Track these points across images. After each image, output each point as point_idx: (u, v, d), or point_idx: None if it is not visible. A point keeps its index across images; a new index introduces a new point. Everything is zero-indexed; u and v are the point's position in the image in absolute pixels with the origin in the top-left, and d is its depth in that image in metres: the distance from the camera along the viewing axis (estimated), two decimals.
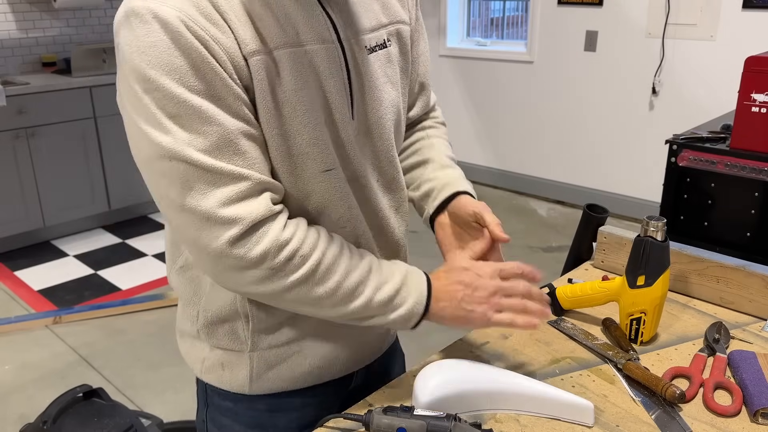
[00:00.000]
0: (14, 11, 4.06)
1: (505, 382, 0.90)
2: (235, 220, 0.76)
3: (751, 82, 1.86)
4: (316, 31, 0.83)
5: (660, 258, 1.01)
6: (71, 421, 1.87)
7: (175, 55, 0.72)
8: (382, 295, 0.85)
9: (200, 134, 0.74)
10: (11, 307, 3.22)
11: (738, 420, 0.88)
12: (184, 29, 0.72)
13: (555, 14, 4.32)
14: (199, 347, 0.98)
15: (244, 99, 0.77)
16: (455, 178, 1.04)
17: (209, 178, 0.75)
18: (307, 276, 0.80)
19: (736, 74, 1.92)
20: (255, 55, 0.77)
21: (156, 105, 0.74)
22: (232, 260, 0.77)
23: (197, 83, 0.74)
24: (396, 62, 0.96)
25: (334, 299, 0.83)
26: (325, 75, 0.84)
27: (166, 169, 0.75)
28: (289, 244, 0.79)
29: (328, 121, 0.85)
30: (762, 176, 1.88)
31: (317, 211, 0.88)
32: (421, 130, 1.12)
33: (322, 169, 0.85)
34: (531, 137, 4.68)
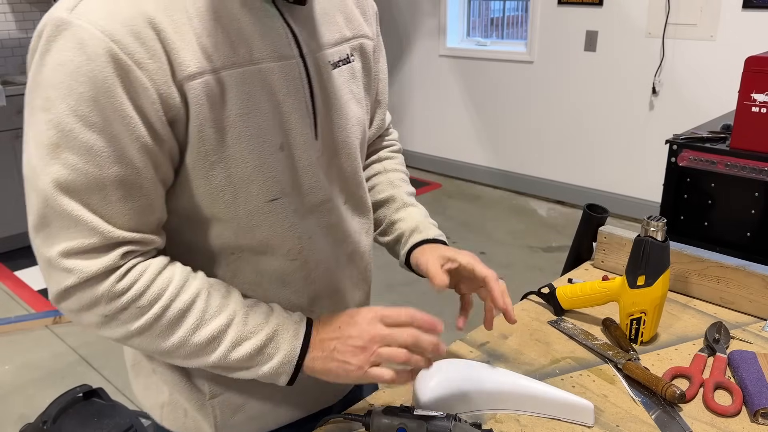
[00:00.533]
0: (14, 11, 4.06)
1: (505, 382, 0.90)
2: (72, 271, 0.70)
3: (751, 82, 1.85)
4: (273, 48, 0.76)
5: (660, 258, 1.01)
6: (71, 421, 1.87)
7: (81, 81, 0.65)
8: (240, 352, 0.76)
9: (73, 171, 0.67)
10: (11, 307, 3.22)
11: (738, 420, 0.88)
12: (101, 53, 0.65)
13: (555, 14, 4.32)
14: (157, 390, 0.90)
15: (147, 141, 0.69)
16: (420, 220, 1.01)
17: (64, 224, 0.69)
18: (147, 328, 0.73)
19: (736, 74, 1.92)
20: (195, 78, 0.70)
21: (43, 126, 0.67)
22: (66, 305, 0.73)
23: (94, 116, 0.66)
24: (359, 78, 0.90)
25: (183, 352, 0.76)
26: (283, 94, 0.77)
27: (33, 197, 0.70)
28: (124, 295, 0.72)
29: (286, 144, 0.78)
30: (762, 176, 1.88)
31: (263, 245, 0.81)
32: (378, 162, 1.07)
33: (267, 198, 0.78)
34: (531, 137, 4.68)
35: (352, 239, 0.92)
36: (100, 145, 0.67)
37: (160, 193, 0.74)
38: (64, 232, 0.70)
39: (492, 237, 4.04)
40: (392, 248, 1.03)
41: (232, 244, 0.81)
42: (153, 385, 0.91)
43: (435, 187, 5.02)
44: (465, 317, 0.97)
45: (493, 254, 3.76)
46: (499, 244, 3.91)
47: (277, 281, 0.84)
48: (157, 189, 0.73)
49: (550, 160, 4.61)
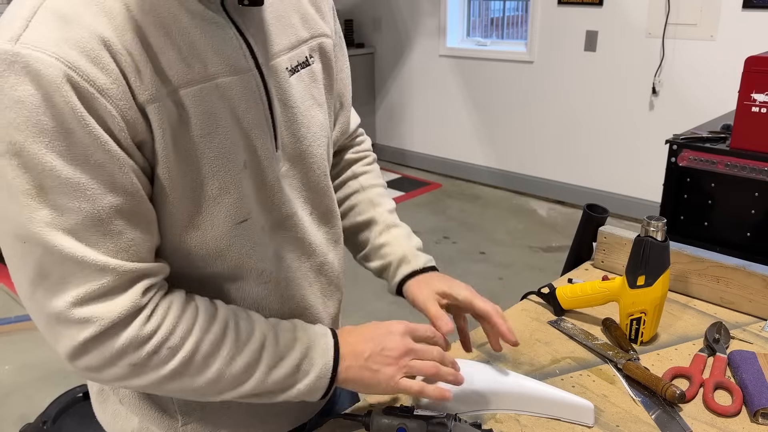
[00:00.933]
0: None
1: (505, 382, 0.90)
2: (90, 320, 0.64)
3: (751, 82, 1.85)
4: (228, 61, 0.71)
5: (660, 258, 1.01)
6: (71, 421, 1.87)
7: (47, 115, 0.59)
8: (277, 374, 0.75)
9: (65, 212, 0.61)
10: (11, 307, 3.22)
11: (738, 420, 0.88)
12: (62, 83, 0.59)
13: (555, 14, 4.32)
14: (125, 419, 0.86)
15: (130, 164, 0.65)
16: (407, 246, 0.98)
17: (68, 269, 0.63)
18: (180, 369, 0.69)
19: (736, 74, 1.92)
20: (154, 102, 0.65)
21: (16, 173, 0.60)
22: (84, 361, 0.66)
23: (70, 150, 0.60)
24: (320, 80, 0.86)
25: (219, 387, 0.73)
26: (242, 109, 0.73)
27: (20, 251, 0.63)
28: (153, 338, 0.67)
29: (251, 161, 0.75)
30: (762, 176, 1.88)
31: (234, 271, 0.78)
32: (353, 179, 1.03)
33: (235, 221, 0.74)
34: (531, 137, 4.68)
35: (319, 251, 0.89)
36: (86, 179, 0.62)
37: (153, 216, 0.70)
38: (71, 278, 0.63)
39: (492, 237, 4.04)
40: (379, 274, 1.01)
41: (202, 274, 0.77)
42: (121, 413, 0.87)
43: (435, 187, 5.02)
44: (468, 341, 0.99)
45: (493, 254, 3.77)
46: (499, 244, 3.91)
47: (251, 305, 0.82)
48: (151, 211, 0.69)
49: (550, 160, 4.61)
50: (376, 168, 1.08)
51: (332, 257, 0.92)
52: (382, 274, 1.00)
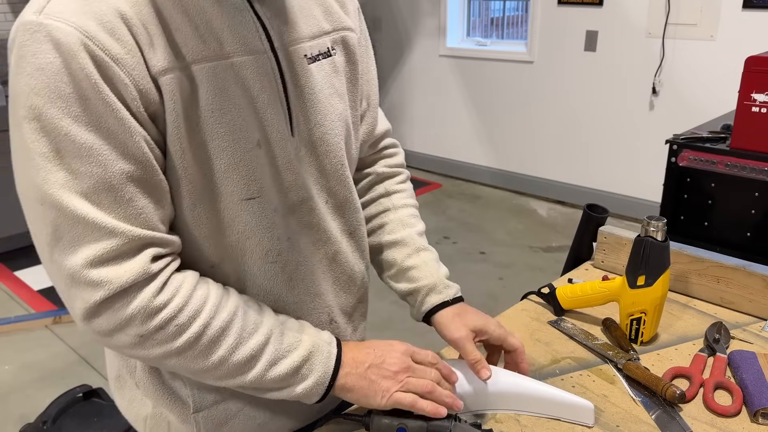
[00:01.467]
0: (14, 11, 4.06)
1: (505, 382, 0.90)
2: (101, 282, 0.66)
3: (751, 82, 1.85)
4: (243, 41, 0.74)
5: (660, 258, 1.01)
6: (71, 421, 1.87)
7: (64, 81, 0.63)
8: (276, 371, 0.76)
9: (78, 175, 0.65)
10: (11, 307, 3.22)
11: (738, 420, 0.88)
12: (79, 50, 0.63)
13: (555, 14, 4.32)
14: (141, 403, 0.88)
15: (142, 134, 0.67)
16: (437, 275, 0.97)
17: (80, 231, 0.65)
18: (185, 348, 0.71)
19: (736, 74, 1.92)
20: (166, 74, 0.68)
21: (35, 136, 0.64)
22: (96, 324, 0.69)
23: (85, 115, 0.64)
24: (342, 72, 0.87)
25: (220, 373, 0.75)
26: (257, 89, 0.75)
27: (38, 212, 0.67)
28: (162, 311, 0.69)
29: (264, 140, 0.76)
30: (762, 176, 1.88)
31: (239, 246, 0.79)
32: (386, 197, 1.03)
33: (243, 197, 0.76)
34: (531, 137, 4.68)
35: (334, 240, 0.89)
36: (99, 144, 0.65)
37: (165, 188, 0.72)
38: (82, 239, 0.66)
39: (492, 237, 4.04)
40: (404, 297, 1.00)
41: (210, 253, 0.78)
42: (137, 399, 0.88)
43: (435, 187, 5.02)
44: None
45: (493, 254, 3.76)
46: (499, 244, 3.91)
47: (261, 290, 0.83)
48: (162, 182, 0.71)
49: (550, 160, 4.61)
50: (409, 187, 1.07)
51: (346, 247, 0.92)
52: (408, 297, 0.99)
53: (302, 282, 0.86)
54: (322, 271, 0.89)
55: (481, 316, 0.94)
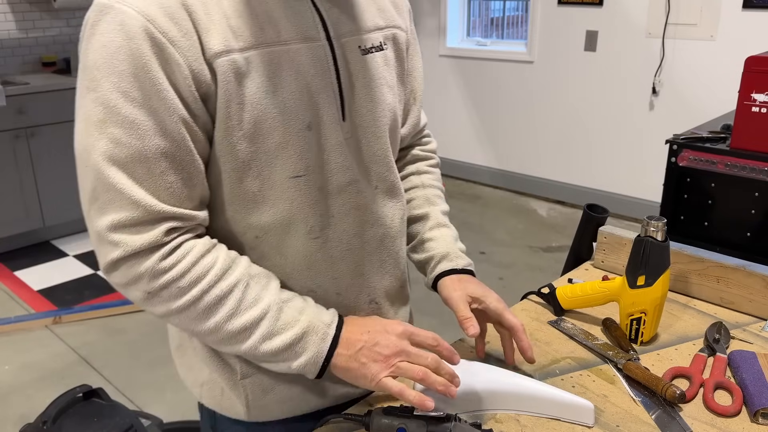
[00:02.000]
0: (14, 11, 4.06)
1: (505, 382, 0.90)
2: (118, 244, 0.74)
3: (751, 82, 1.85)
4: (300, 30, 0.80)
5: (660, 258, 1.01)
6: (71, 421, 1.87)
7: (121, 59, 0.71)
8: (269, 346, 0.80)
9: (118, 145, 0.72)
10: (11, 307, 3.22)
11: (738, 420, 0.88)
12: (138, 33, 0.70)
13: (555, 14, 4.32)
14: (198, 369, 0.94)
15: (182, 115, 0.74)
16: (452, 246, 1.03)
17: (111, 197, 0.73)
18: (185, 309, 0.77)
19: (736, 74, 1.92)
20: (222, 56, 0.74)
21: (91, 105, 0.72)
22: (113, 277, 0.77)
23: (135, 92, 0.71)
24: (393, 66, 0.93)
25: (216, 337, 0.80)
26: (311, 75, 0.81)
27: (84, 173, 0.75)
28: (166, 273, 0.75)
29: (315, 123, 0.82)
30: (762, 176, 1.88)
31: (284, 221, 0.84)
32: (416, 175, 1.10)
33: (290, 174, 0.81)
34: (531, 137, 4.68)
35: (383, 223, 0.93)
36: (141, 119, 0.72)
37: (199, 168, 0.78)
38: (111, 205, 0.74)
39: (492, 237, 4.04)
40: (421, 268, 1.05)
41: (255, 224, 0.83)
42: (195, 365, 0.94)
43: None
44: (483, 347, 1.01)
45: (493, 254, 3.76)
46: (499, 244, 3.91)
47: (302, 263, 0.87)
48: (196, 162, 0.77)
49: (550, 160, 4.61)
50: (438, 172, 1.14)
51: (395, 231, 0.96)
52: (424, 266, 1.04)
53: (343, 261, 0.90)
54: (368, 253, 0.92)
55: (483, 287, 0.98)
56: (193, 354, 0.94)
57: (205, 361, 0.91)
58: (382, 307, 0.97)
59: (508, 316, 0.94)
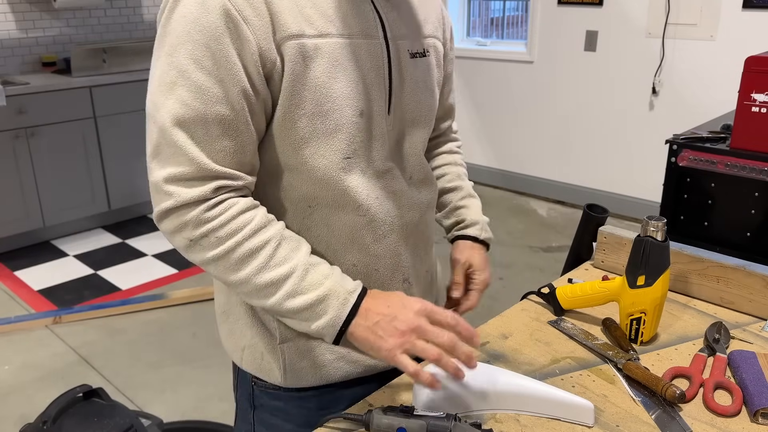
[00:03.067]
0: (14, 11, 4.06)
1: (505, 382, 0.90)
2: (171, 194, 0.81)
3: (751, 82, 1.85)
4: (363, 27, 0.89)
5: (660, 258, 1.01)
6: (71, 421, 1.87)
7: (197, 30, 0.78)
8: (293, 303, 0.84)
9: (184, 106, 0.79)
10: (11, 307, 3.22)
11: (738, 420, 0.88)
12: (216, 7, 0.78)
13: (555, 14, 4.32)
14: (240, 334, 0.99)
15: (245, 88, 0.81)
16: (482, 217, 1.19)
17: (171, 152, 0.81)
18: (219, 258, 0.84)
19: (736, 74, 1.92)
20: (293, 39, 0.82)
21: (166, 68, 0.80)
22: (163, 225, 0.85)
23: (207, 61, 0.79)
24: (433, 72, 1.02)
25: (246, 289, 0.85)
26: (368, 67, 0.89)
27: (151, 128, 0.82)
28: (208, 223, 0.82)
29: (366, 111, 0.89)
30: (762, 176, 1.88)
31: (337, 198, 0.90)
32: (449, 154, 1.24)
33: (343, 155, 0.88)
34: (531, 137, 4.68)
35: (417, 209, 1.01)
36: (208, 85, 0.79)
37: (252, 138, 0.85)
38: (170, 159, 0.81)
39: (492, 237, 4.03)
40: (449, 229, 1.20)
41: (309, 195, 0.90)
42: (237, 330, 0.99)
43: None
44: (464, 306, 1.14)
45: (493, 254, 3.76)
46: (499, 244, 3.92)
47: (346, 238, 0.93)
48: (251, 132, 0.84)
49: (550, 160, 4.61)
50: (462, 154, 1.28)
51: (429, 217, 1.06)
52: (452, 227, 1.19)
53: (384, 240, 0.96)
54: (405, 236, 0.99)
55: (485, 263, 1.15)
56: (235, 320, 0.99)
57: (248, 325, 0.97)
58: (413, 287, 1.03)
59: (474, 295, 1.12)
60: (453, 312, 0.86)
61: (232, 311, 1.00)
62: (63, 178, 3.85)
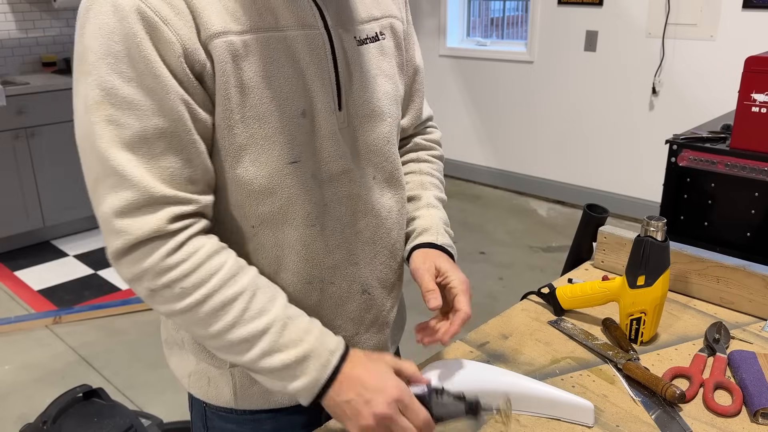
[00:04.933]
0: (14, 11, 4.06)
1: (505, 382, 0.90)
2: (120, 232, 0.73)
3: (751, 82, 1.85)
4: (297, 17, 0.80)
5: (660, 258, 1.01)
6: (71, 421, 1.87)
7: (115, 40, 0.71)
8: (269, 362, 0.77)
9: (118, 126, 0.72)
10: (11, 307, 3.22)
11: (738, 420, 0.88)
12: (131, 12, 0.70)
13: (555, 14, 4.32)
14: (186, 360, 0.94)
15: (179, 93, 0.73)
16: (436, 222, 1.00)
17: (112, 180, 0.72)
18: (187, 311, 0.75)
19: (736, 74, 1.92)
20: (219, 37, 0.74)
21: (89, 88, 0.72)
22: (119, 269, 0.76)
23: (130, 72, 0.71)
24: (392, 56, 0.93)
25: (216, 344, 0.78)
26: (306, 62, 0.81)
27: (87, 157, 0.74)
28: (171, 271, 0.74)
29: (309, 109, 0.82)
30: (762, 176, 1.88)
31: (282, 208, 0.83)
32: (416, 162, 1.08)
33: (287, 160, 0.81)
34: (531, 137, 4.68)
35: (377, 213, 0.92)
36: (139, 99, 0.71)
37: (199, 148, 0.76)
38: (113, 188, 0.73)
39: (492, 237, 4.04)
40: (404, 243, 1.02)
41: (253, 212, 0.82)
42: (183, 356, 0.94)
43: None
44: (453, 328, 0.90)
45: (493, 254, 3.76)
46: (499, 244, 3.91)
47: (298, 254, 0.85)
48: (196, 143, 0.76)
49: (550, 160, 4.61)
50: (440, 164, 1.11)
51: (391, 223, 0.95)
52: (406, 241, 1.01)
53: (339, 250, 0.89)
54: (362, 242, 0.91)
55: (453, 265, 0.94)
56: (181, 345, 0.94)
57: (194, 351, 0.92)
58: (375, 298, 0.95)
59: (462, 299, 0.89)
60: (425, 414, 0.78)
61: (176, 337, 0.95)
62: (63, 178, 3.85)
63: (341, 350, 0.80)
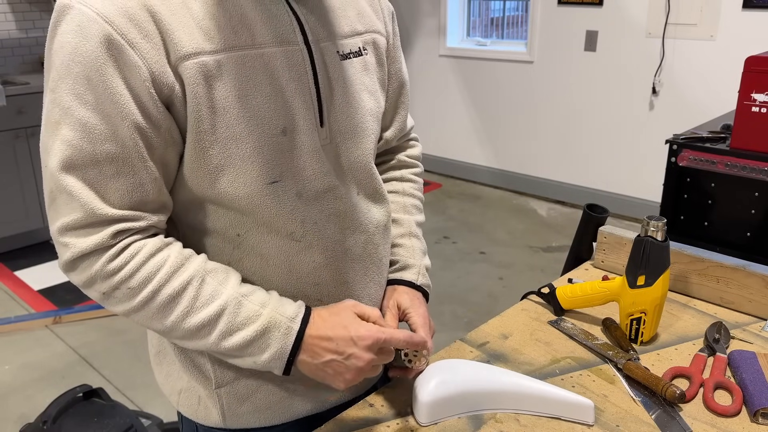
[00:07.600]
0: (14, 11, 4.06)
1: (505, 382, 0.90)
2: (67, 246, 0.75)
3: (751, 82, 1.85)
4: (276, 33, 0.78)
5: (660, 258, 1.01)
6: (71, 421, 1.87)
7: (76, 61, 0.70)
8: (231, 342, 0.78)
9: (70, 147, 0.71)
10: (11, 307, 3.22)
11: (738, 420, 0.88)
12: (95, 35, 0.69)
13: (555, 14, 4.32)
14: (177, 377, 0.92)
15: (135, 121, 0.72)
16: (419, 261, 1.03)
17: (63, 200, 0.73)
18: (140, 308, 0.76)
19: (736, 74, 1.92)
20: (190, 59, 0.72)
21: (50, 106, 0.72)
22: (71, 277, 0.78)
23: (88, 95, 0.70)
24: (373, 71, 0.92)
25: (176, 335, 0.79)
26: (285, 79, 0.79)
27: (44, 173, 0.75)
28: (115, 275, 0.75)
29: (290, 128, 0.80)
30: (762, 176, 1.88)
31: (264, 226, 0.82)
32: (399, 181, 1.08)
33: (267, 180, 0.79)
34: (531, 137, 4.68)
35: (365, 229, 0.91)
36: (94, 123, 0.71)
37: (153, 175, 0.76)
38: (63, 208, 0.74)
39: (492, 237, 4.04)
40: None
41: (233, 232, 0.82)
42: (174, 372, 0.93)
43: (435, 187, 5.02)
44: None
45: (493, 254, 3.76)
46: (499, 244, 3.91)
47: (282, 267, 0.84)
48: (149, 169, 0.75)
49: (550, 160, 4.61)
50: (420, 181, 1.12)
51: (379, 239, 0.94)
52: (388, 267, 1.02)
53: (327, 268, 0.88)
54: (351, 260, 0.90)
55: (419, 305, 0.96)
56: (171, 362, 0.92)
57: (183, 369, 0.90)
58: None
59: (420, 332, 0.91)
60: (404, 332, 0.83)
61: (166, 352, 0.93)
62: None
63: (301, 314, 0.81)
